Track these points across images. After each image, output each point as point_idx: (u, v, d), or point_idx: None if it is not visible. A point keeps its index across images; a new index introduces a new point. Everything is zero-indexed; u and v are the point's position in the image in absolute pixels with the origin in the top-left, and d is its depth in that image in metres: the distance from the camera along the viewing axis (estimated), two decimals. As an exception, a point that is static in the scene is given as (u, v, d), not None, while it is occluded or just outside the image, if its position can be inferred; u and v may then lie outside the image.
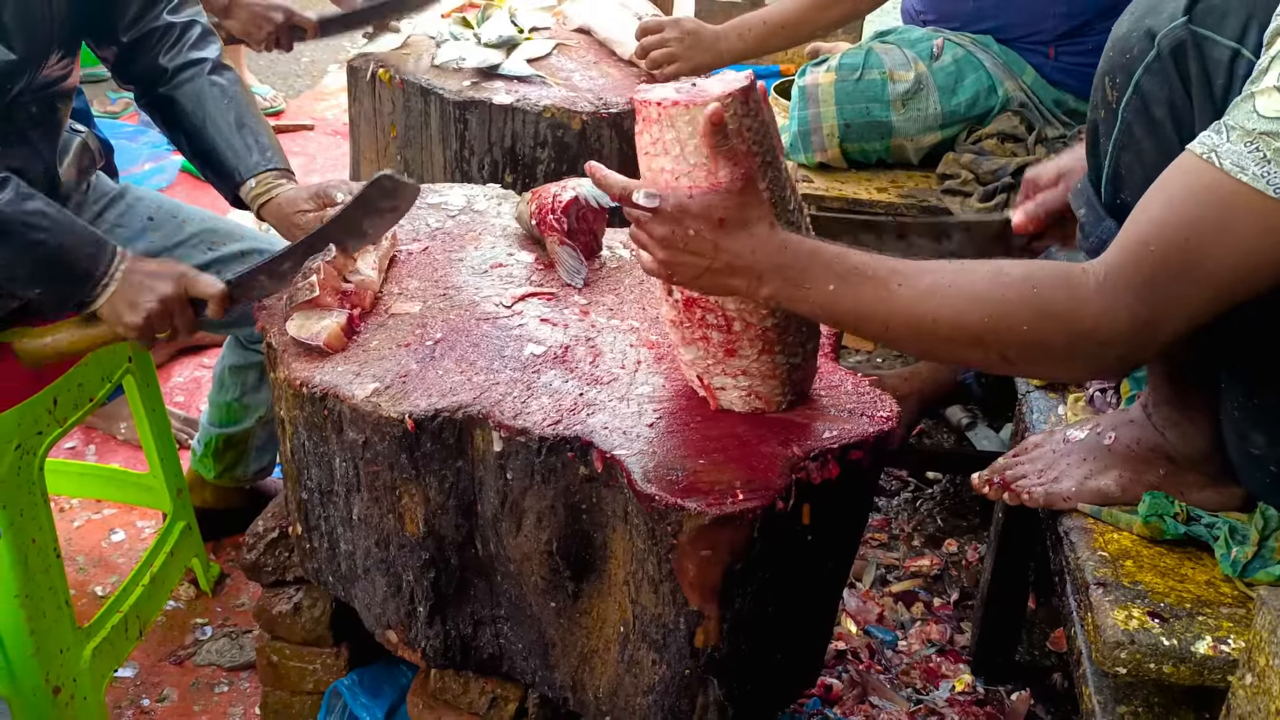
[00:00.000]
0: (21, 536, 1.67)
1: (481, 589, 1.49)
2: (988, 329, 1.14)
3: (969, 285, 1.16)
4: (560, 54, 2.56)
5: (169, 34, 1.80)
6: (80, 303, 1.60)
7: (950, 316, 1.16)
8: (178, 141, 1.86)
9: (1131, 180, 1.28)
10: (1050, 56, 2.29)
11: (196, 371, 2.90)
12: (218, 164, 1.80)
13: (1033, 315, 1.13)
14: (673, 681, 1.37)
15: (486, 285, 1.67)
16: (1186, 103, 1.21)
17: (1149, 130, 1.25)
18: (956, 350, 1.20)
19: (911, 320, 1.18)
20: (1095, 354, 1.13)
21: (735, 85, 1.21)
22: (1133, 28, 1.25)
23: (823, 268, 1.20)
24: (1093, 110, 1.34)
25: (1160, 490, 1.38)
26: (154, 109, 1.84)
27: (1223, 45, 1.16)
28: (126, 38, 1.79)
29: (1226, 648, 1.20)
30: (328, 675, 1.80)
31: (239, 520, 2.13)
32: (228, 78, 1.83)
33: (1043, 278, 1.15)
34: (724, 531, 1.25)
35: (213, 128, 1.79)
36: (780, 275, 1.20)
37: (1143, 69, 1.24)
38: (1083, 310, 1.11)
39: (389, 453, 1.41)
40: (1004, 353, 1.16)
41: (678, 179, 1.23)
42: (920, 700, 2.00)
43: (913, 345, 1.26)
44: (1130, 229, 1.12)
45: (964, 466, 2.47)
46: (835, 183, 2.29)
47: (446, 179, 2.38)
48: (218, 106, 1.79)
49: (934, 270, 1.19)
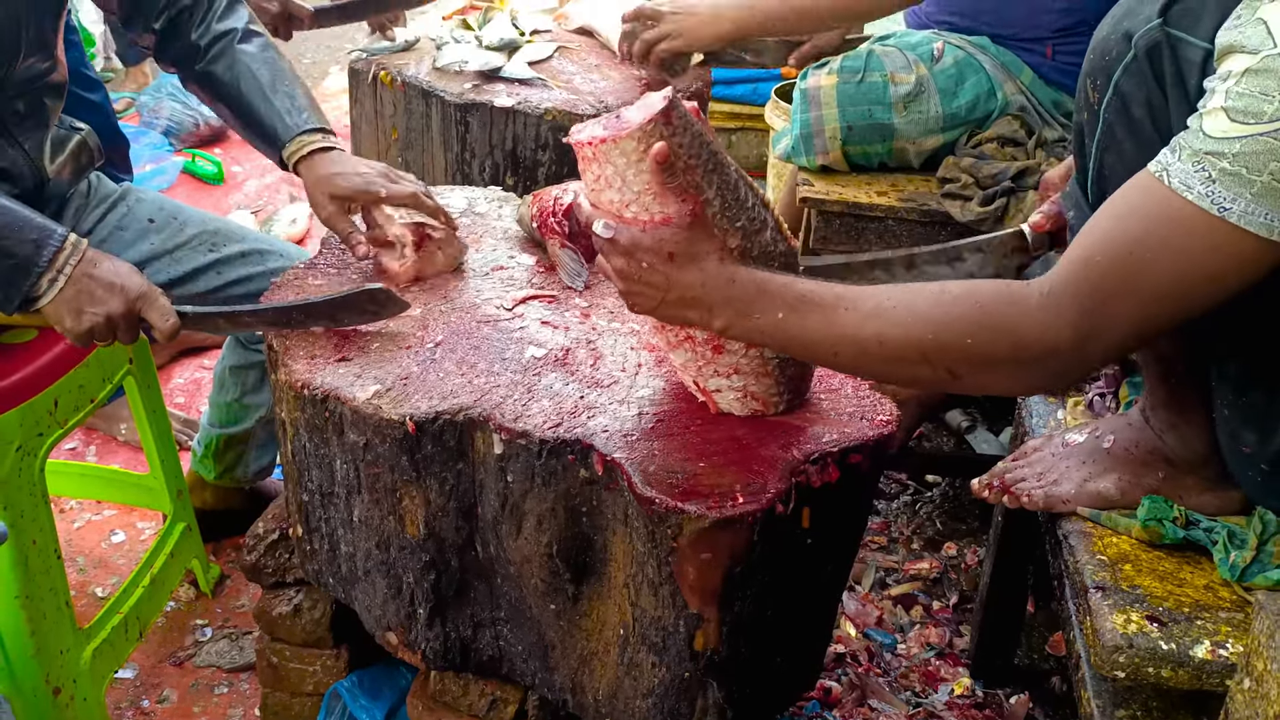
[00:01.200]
0: (22, 537, 1.67)
1: (482, 591, 1.49)
2: (933, 345, 1.16)
3: (912, 305, 1.18)
4: (562, 57, 2.56)
5: (196, 10, 1.81)
6: (27, 297, 1.55)
7: (896, 336, 1.17)
8: (224, 116, 1.85)
9: (1115, 180, 1.29)
10: (1048, 57, 2.30)
11: (197, 373, 2.90)
12: (260, 133, 1.78)
13: (975, 329, 1.15)
14: (672, 684, 1.37)
15: (488, 288, 1.67)
16: (1163, 102, 1.23)
17: (1129, 130, 1.27)
18: (903, 369, 1.21)
19: (858, 342, 1.19)
20: (1038, 366, 1.15)
21: (656, 109, 1.21)
22: (1112, 30, 1.28)
23: (770, 298, 1.22)
24: (1077, 113, 1.36)
25: (1159, 494, 1.38)
26: (198, 87, 1.85)
27: (1196, 45, 1.19)
28: (159, 24, 1.79)
29: (1225, 652, 1.21)
30: (328, 677, 1.80)
31: (239, 521, 2.13)
32: (257, 43, 1.82)
33: (986, 293, 1.17)
34: (724, 534, 1.25)
35: (248, 97, 1.78)
36: (730, 307, 1.23)
37: (1121, 70, 1.26)
38: (1025, 322, 1.13)
39: (390, 455, 1.41)
40: (951, 368, 1.17)
41: (627, 208, 1.25)
42: (919, 703, 2.01)
43: (861, 367, 1.28)
44: (1077, 244, 1.15)
45: (963, 470, 2.48)
46: (836, 186, 2.30)
47: (448, 181, 2.39)
48: (248, 74, 1.78)
49: (878, 294, 1.21)
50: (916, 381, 1.32)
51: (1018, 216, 2.14)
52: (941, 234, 2.24)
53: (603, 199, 1.27)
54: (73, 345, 1.65)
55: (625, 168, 1.23)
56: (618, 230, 1.25)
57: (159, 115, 3.94)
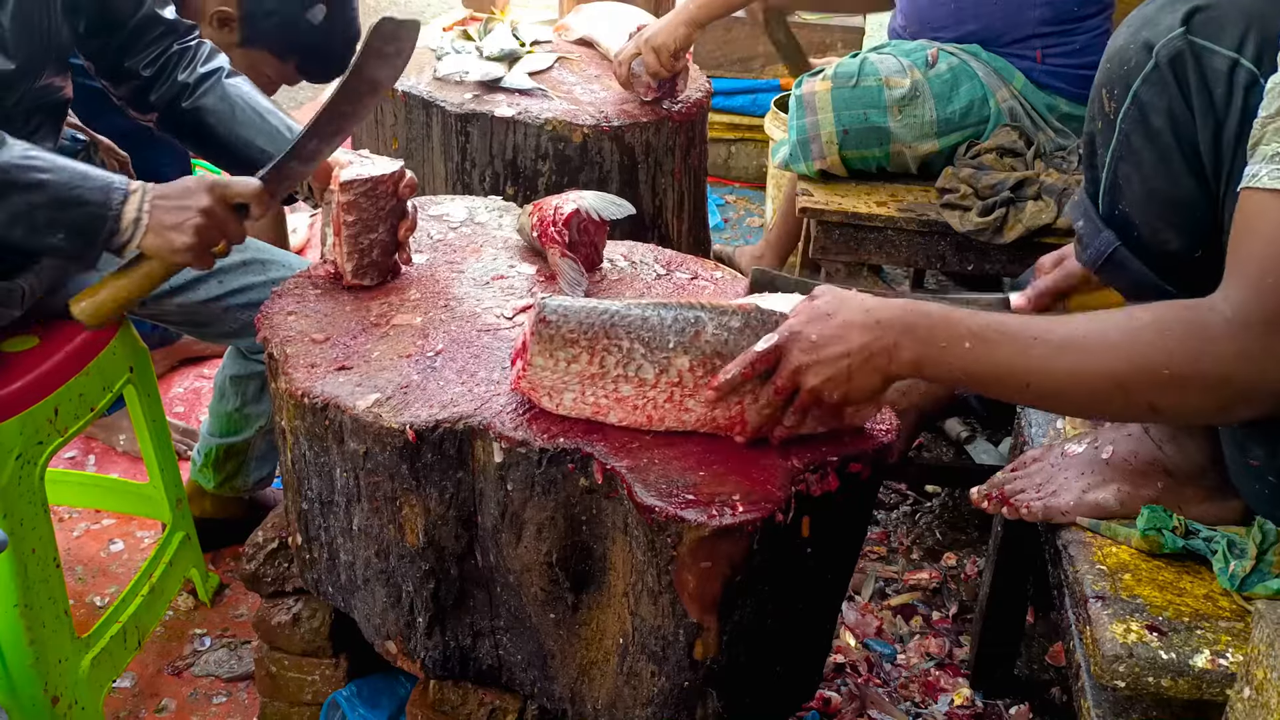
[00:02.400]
0: (21, 546, 1.67)
1: (481, 600, 1.49)
2: (1130, 377, 1.13)
3: (1103, 335, 1.15)
4: (562, 67, 2.57)
5: (184, 55, 1.85)
6: (114, 244, 1.57)
7: (1092, 368, 1.15)
8: (209, 153, 1.88)
9: (1129, 190, 1.29)
10: (1038, 60, 2.31)
11: (196, 382, 2.90)
12: (258, 151, 1.81)
13: (1168, 358, 1.12)
14: (672, 693, 1.37)
15: (488, 297, 1.67)
16: (1186, 112, 1.22)
17: (1147, 140, 1.26)
18: (1101, 404, 1.18)
19: (1052, 375, 1.16)
20: (1242, 400, 1.12)
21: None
22: (1129, 40, 1.27)
23: (954, 326, 1.19)
24: (1089, 123, 1.35)
25: (1158, 504, 1.38)
26: (180, 128, 1.86)
27: (1221, 55, 1.18)
28: (149, 71, 1.83)
29: (1225, 661, 1.20)
30: (326, 686, 1.80)
31: (238, 531, 2.13)
32: (243, 80, 1.88)
33: (1170, 319, 1.14)
34: (724, 543, 1.25)
35: (242, 118, 1.82)
36: (912, 336, 1.20)
37: (1141, 80, 1.25)
38: (1216, 350, 1.10)
39: (390, 463, 1.41)
40: (1151, 401, 1.14)
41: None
42: (919, 714, 2.00)
43: (1054, 400, 1.25)
44: (1239, 275, 1.11)
45: (963, 480, 2.48)
46: (835, 196, 2.30)
47: (448, 191, 2.39)
48: (241, 102, 1.83)
49: (1069, 324, 1.18)
50: (1114, 415, 1.29)
51: (1016, 227, 2.15)
52: (941, 244, 2.24)
53: (636, 375, 1.35)
54: (82, 348, 1.68)
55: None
56: (770, 337, 1.27)
57: (160, 125, 3.94)
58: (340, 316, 1.63)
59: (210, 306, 1.93)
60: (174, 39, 1.84)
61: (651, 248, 1.86)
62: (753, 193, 4.14)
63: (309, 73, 2.39)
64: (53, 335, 1.76)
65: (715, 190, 4.07)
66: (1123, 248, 1.31)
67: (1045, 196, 2.15)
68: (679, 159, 2.44)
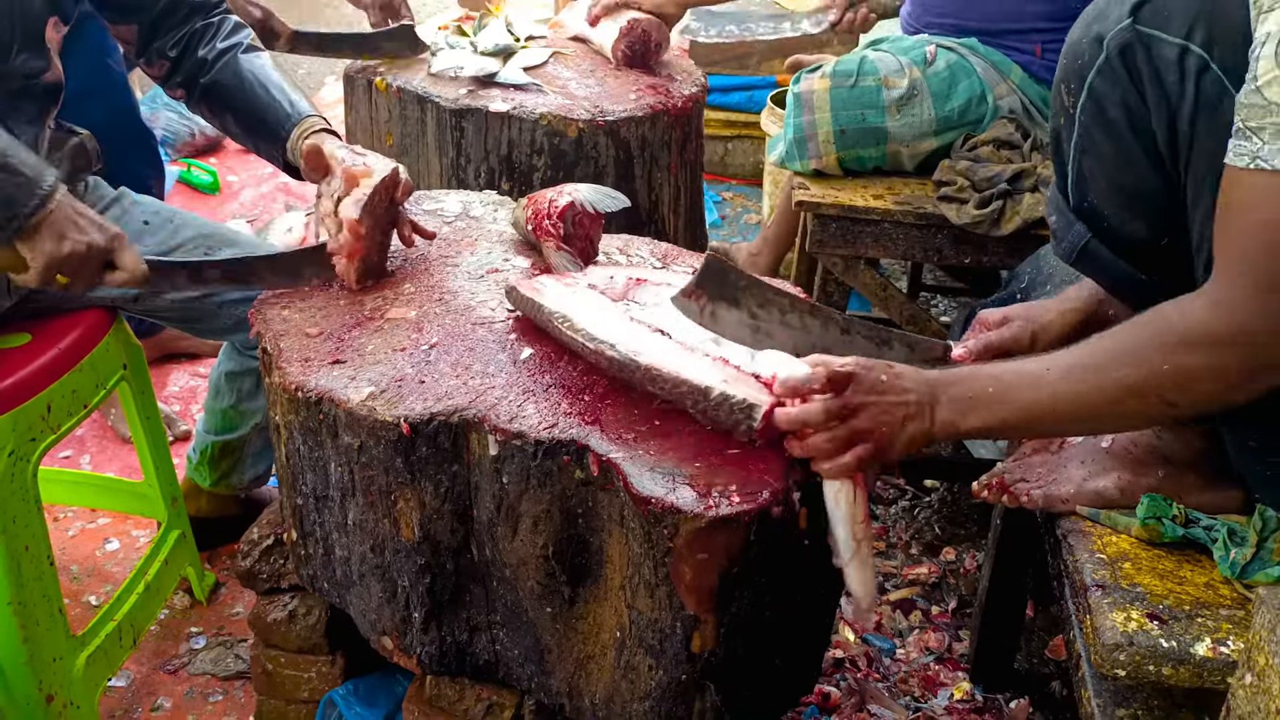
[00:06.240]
0: (15, 544, 1.66)
1: (477, 594, 1.48)
2: (1140, 379, 1.17)
3: (1104, 348, 1.20)
4: (556, 62, 2.56)
5: (206, 31, 1.86)
6: (23, 223, 1.52)
7: (1113, 380, 1.18)
8: (227, 125, 1.89)
9: (1094, 182, 1.31)
10: (1037, 55, 2.30)
11: (192, 380, 2.90)
12: (263, 128, 1.82)
13: (1162, 347, 1.16)
14: (669, 687, 1.36)
15: (482, 290, 1.66)
16: (1140, 102, 1.23)
17: (1105, 131, 1.27)
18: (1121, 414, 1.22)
19: (1077, 396, 1.20)
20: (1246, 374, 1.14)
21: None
22: (1082, 34, 1.28)
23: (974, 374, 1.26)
24: (1054, 118, 1.36)
25: (1159, 492, 1.38)
26: (202, 103, 1.88)
27: (1170, 43, 1.18)
28: (174, 51, 1.85)
29: (1226, 649, 1.20)
30: (323, 684, 1.79)
31: (234, 528, 2.12)
32: (259, 55, 1.89)
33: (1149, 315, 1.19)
34: (720, 535, 1.24)
35: (251, 93, 1.83)
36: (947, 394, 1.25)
37: (1094, 73, 1.26)
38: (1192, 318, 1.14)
39: (384, 457, 1.40)
40: (1163, 396, 1.17)
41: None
42: (919, 708, 1.99)
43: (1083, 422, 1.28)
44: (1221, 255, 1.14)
45: (962, 475, 2.47)
46: (831, 190, 2.29)
47: (443, 187, 2.38)
48: (251, 77, 1.84)
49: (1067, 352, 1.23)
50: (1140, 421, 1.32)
51: (1014, 219, 2.14)
52: (938, 237, 2.23)
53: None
54: (75, 345, 1.67)
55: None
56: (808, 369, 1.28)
57: (154, 125, 3.94)
58: (334, 311, 1.62)
59: (203, 303, 1.92)
60: (199, 17, 1.86)
61: (647, 241, 1.86)
62: (749, 190, 4.14)
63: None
64: (45, 332, 1.76)
65: (712, 187, 4.07)
66: (1095, 240, 1.32)
67: (1042, 189, 2.14)
68: (675, 154, 2.44)
